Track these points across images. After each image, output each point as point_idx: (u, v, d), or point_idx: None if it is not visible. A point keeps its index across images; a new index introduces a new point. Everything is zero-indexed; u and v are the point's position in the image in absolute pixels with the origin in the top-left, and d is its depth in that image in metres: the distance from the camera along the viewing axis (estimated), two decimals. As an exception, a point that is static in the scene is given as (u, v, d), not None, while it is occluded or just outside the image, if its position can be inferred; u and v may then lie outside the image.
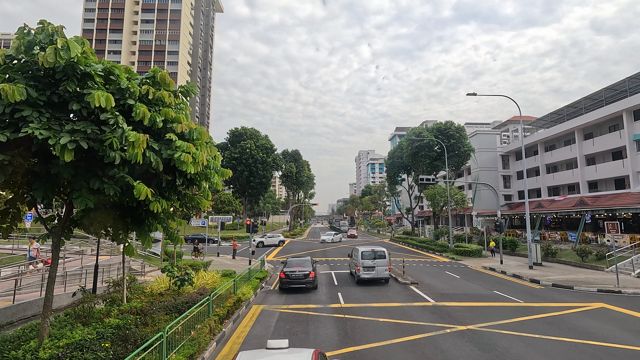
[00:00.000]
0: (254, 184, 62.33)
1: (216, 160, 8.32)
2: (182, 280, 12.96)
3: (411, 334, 10.73)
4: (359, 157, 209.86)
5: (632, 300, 15.26)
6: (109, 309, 10.08)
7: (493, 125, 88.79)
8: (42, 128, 5.65)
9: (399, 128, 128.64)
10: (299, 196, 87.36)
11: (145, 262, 22.56)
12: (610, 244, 24.12)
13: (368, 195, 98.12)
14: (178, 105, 7.89)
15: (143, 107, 6.38)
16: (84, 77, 6.30)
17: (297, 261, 18.26)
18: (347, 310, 13.53)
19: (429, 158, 48.44)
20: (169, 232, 8.55)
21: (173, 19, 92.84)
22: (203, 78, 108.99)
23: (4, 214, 7.13)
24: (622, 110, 32.06)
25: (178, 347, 8.40)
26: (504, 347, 9.57)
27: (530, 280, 19.97)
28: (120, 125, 6.06)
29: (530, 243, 25.20)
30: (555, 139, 43.20)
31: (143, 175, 7.11)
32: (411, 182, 57.04)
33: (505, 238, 34.10)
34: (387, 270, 18.97)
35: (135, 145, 6.00)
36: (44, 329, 7.28)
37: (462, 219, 58.31)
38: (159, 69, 7.46)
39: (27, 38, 6.00)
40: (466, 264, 27.42)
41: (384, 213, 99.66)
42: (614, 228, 18.44)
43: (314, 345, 9.70)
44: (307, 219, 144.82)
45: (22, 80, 5.92)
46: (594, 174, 36.41)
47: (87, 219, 7.53)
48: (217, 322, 10.84)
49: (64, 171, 6.23)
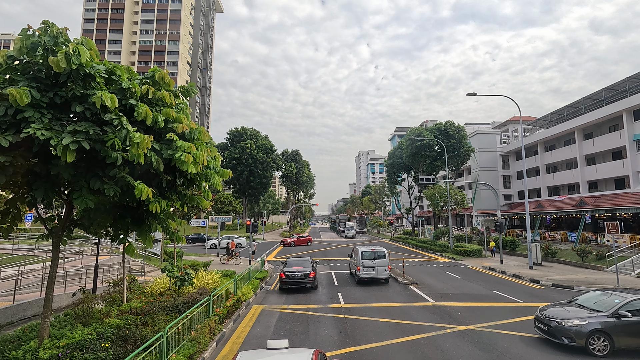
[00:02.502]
0: (254, 184, 62.35)
1: (216, 161, 8.33)
2: (182, 281, 12.97)
3: (411, 334, 10.73)
4: (359, 157, 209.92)
5: (632, 300, 15.25)
6: (109, 309, 10.08)
7: (493, 125, 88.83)
8: (43, 129, 5.65)
9: (398, 128, 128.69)
10: (299, 196, 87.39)
11: (145, 262, 22.57)
12: (610, 244, 24.14)
13: (368, 195, 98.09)
14: (178, 105, 7.90)
15: (145, 107, 6.39)
16: (87, 78, 6.31)
17: (297, 261, 18.27)
18: (347, 310, 13.53)
19: (429, 158, 48.44)
20: (170, 231, 8.55)
21: (173, 19, 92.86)
22: (203, 78, 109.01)
23: (5, 214, 7.14)
24: (622, 110, 32.08)
25: (178, 347, 8.40)
26: (504, 347, 9.58)
27: (531, 280, 19.98)
28: (125, 126, 6.06)
29: (530, 243, 25.20)
30: (555, 139, 43.22)
31: (143, 175, 7.12)
32: (411, 182, 57.05)
33: (505, 238, 34.11)
34: (387, 270, 18.97)
35: (140, 146, 6.00)
36: (44, 329, 7.28)
37: (462, 219, 58.32)
38: (158, 69, 7.47)
39: (32, 39, 6.00)
40: (466, 264, 27.42)
41: (384, 213, 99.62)
42: (614, 228, 18.44)
43: (314, 345, 9.70)
44: (307, 219, 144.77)
45: (24, 81, 5.93)
46: (594, 174, 36.42)
47: (87, 219, 7.55)
48: (217, 322, 10.84)
49: (64, 171, 6.23)
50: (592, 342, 9.15)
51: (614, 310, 9.40)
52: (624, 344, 9.14)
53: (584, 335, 9.18)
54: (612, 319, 9.25)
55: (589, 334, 9.15)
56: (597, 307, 9.85)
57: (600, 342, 9.11)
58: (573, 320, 9.50)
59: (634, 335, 9.14)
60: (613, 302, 9.71)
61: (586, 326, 9.25)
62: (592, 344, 9.14)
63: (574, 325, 9.37)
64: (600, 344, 9.10)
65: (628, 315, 9.16)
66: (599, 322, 9.26)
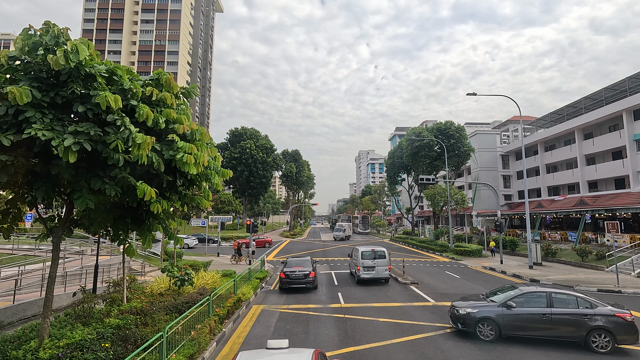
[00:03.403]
0: (254, 184, 62.33)
1: (216, 161, 8.33)
2: (182, 280, 12.97)
3: (411, 333, 10.74)
4: (359, 157, 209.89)
5: (632, 300, 15.27)
6: (109, 309, 10.09)
7: (493, 125, 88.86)
8: (45, 129, 5.66)
9: (398, 128, 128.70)
10: (299, 196, 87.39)
11: (145, 262, 22.57)
12: (610, 243, 24.15)
13: (368, 195, 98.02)
14: (179, 106, 7.90)
15: (146, 108, 6.39)
16: (88, 78, 6.31)
17: (297, 261, 18.27)
18: (347, 310, 13.54)
19: (429, 158, 48.45)
20: (169, 232, 8.55)
21: (173, 19, 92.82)
22: (203, 78, 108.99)
23: (5, 214, 7.14)
24: (622, 110, 32.09)
25: (178, 347, 8.40)
26: (504, 347, 9.59)
27: (531, 280, 19.98)
28: (128, 127, 6.06)
29: (530, 243, 25.20)
30: (555, 139, 43.23)
31: (144, 175, 7.12)
32: (411, 182, 57.05)
33: (505, 238, 34.11)
34: (387, 270, 18.98)
35: (142, 147, 6.01)
36: (44, 329, 7.29)
37: (462, 219, 58.33)
38: (164, 72, 7.45)
39: (33, 39, 6.00)
40: (466, 263, 27.43)
41: (384, 213, 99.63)
42: (614, 228, 18.45)
43: (314, 345, 9.71)
44: (307, 219, 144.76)
45: (25, 81, 5.93)
46: (594, 174, 36.43)
47: (88, 219, 7.55)
48: (217, 322, 10.85)
49: (65, 171, 6.23)
50: (480, 328, 10.10)
51: (504, 301, 10.18)
52: (510, 332, 9.94)
53: (474, 321, 10.15)
54: (500, 309, 10.07)
55: (477, 320, 10.11)
56: (496, 298, 10.62)
57: (487, 329, 10.03)
58: (467, 308, 10.43)
59: (519, 324, 9.87)
60: (509, 294, 10.47)
61: (476, 314, 10.19)
62: (480, 330, 10.10)
63: (466, 313, 10.35)
64: (487, 330, 10.03)
65: (513, 305, 9.96)
66: (489, 310, 10.17)
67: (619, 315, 9.27)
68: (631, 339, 9.16)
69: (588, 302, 9.67)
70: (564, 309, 9.72)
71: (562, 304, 9.80)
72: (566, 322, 9.59)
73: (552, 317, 9.67)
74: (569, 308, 9.71)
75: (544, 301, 9.95)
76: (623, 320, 9.22)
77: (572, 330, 9.53)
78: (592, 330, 9.32)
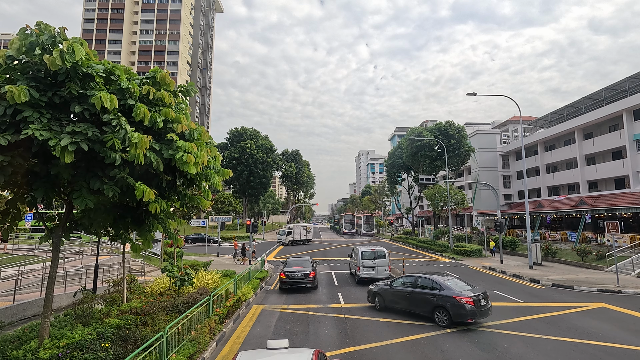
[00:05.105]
0: (254, 184, 62.36)
1: (216, 161, 8.32)
2: (182, 281, 12.96)
3: (411, 333, 10.73)
4: (359, 157, 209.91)
5: (632, 300, 15.26)
6: (109, 309, 10.08)
7: (493, 125, 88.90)
8: (42, 129, 5.65)
9: (398, 128, 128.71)
10: (299, 196, 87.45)
11: (145, 262, 22.57)
12: (610, 243, 24.13)
13: (368, 195, 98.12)
14: (178, 105, 7.89)
15: (143, 108, 6.38)
16: (86, 78, 6.30)
17: (297, 261, 18.26)
18: (347, 310, 13.53)
19: (429, 158, 48.44)
20: (169, 232, 8.55)
21: (173, 19, 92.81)
22: (203, 78, 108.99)
23: (5, 214, 7.13)
24: (622, 110, 32.08)
25: (178, 347, 8.40)
26: (504, 347, 9.58)
27: (531, 280, 19.97)
28: (123, 127, 6.06)
29: (530, 243, 25.19)
30: (555, 139, 43.22)
31: (143, 175, 7.11)
32: (411, 182, 57.04)
33: (505, 238, 34.10)
34: (388, 270, 18.97)
35: (138, 147, 6.00)
36: (44, 329, 7.28)
37: (462, 219, 58.31)
38: (159, 70, 7.45)
39: (30, 39, 5.99)
40: (466, 263, 27.42)
41: (384, 213, 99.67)
42: (614, 228, 18.43)
43: (314, 345, 9.70)
44: (307, 219, 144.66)
45: (23, 81, 5.92)
46: (594, 174, 36.41)
47: (87, 219, 7.54)
48: (217, 322, 10.84)
49: (64, 172, 6.23)
50: (375, 299, 13.59)
51: (389, 282, 13.57)
52: (390, 305, 13.03)
53: (372, 295, 13.83)
54: (387, 287, 13.31)
55: (374, 294, 13.73)
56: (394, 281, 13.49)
57: (377, 301, 13.50)
58: (372, 287, 14.04)
59: (394, 299, 12.93)
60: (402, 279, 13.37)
61: (374, 289, 13.84)
62: (375, 301, 13.60)
63: (369, 289, 14.16)
64: (377, 302, 13.50)
65: (394, 285, 13.10)
66: (380, 288, 13.57)
67: (455, 297, 11.05)
68: (464, 317, 10.82)
69: (439, 285, 11.72)
70: (420, 289, 12.16)
71: (421, 286, 12.21)
72: (419, 300, 12.06)
73: (412, 295, 12.30)
74: (424, 289, 12.03)
75: (411, 282, 12.66)
76: (457, 301, 10.95)
77: (423, 306, 11.91)
78: (436, 307, 11.50)
